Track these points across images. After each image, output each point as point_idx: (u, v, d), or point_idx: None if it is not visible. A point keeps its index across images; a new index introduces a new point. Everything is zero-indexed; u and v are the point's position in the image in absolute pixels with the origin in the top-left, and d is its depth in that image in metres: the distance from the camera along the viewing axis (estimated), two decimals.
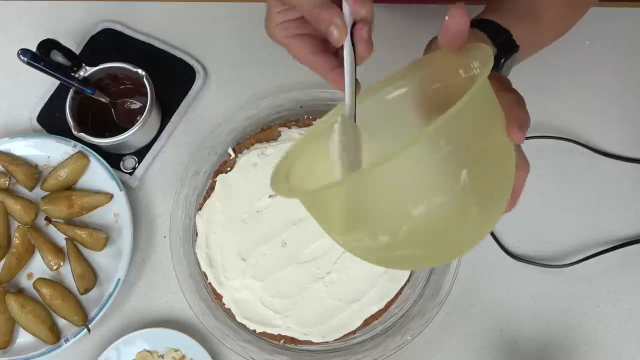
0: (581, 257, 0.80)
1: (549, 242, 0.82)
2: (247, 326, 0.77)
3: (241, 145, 0.84)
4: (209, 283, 0.79)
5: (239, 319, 0.77)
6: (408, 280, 0.77)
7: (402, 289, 0.77)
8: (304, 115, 0.85)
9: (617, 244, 0.80)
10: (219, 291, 0.78)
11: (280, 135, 0.83)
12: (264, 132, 0.84)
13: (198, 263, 0.80)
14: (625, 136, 0.85)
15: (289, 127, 0.84)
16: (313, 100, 0.85)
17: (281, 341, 0.77)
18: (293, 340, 0.76)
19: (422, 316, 0.77)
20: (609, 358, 0.77)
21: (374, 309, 0.76)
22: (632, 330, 0.78)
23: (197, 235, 0.80)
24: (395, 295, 0.77)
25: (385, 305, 0.77)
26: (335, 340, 0.76)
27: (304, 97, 0.85)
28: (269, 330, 0.76)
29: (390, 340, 0.77)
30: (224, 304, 0.78)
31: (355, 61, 0.49)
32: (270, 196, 0.79)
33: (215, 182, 0.81)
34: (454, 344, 0.79)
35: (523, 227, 0.82)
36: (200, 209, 0.81)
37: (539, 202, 0.83)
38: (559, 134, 0.84)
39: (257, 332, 0.77)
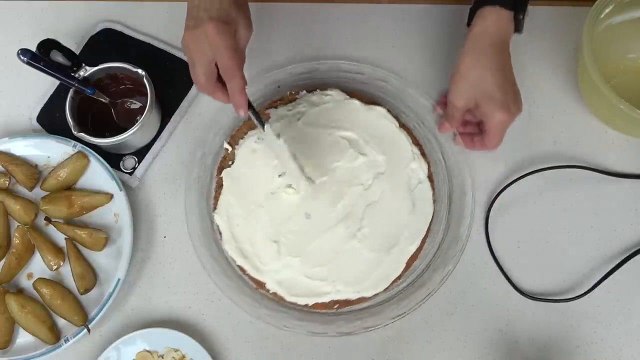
0: (582, 258, 0.80)
1: (548, 242, 0.82)
2: (298, 302, 0.77)
3: (235, 137, 0.84)
4: (247, 274, 0.79)
5: (288, 298, 0.77)
6: (433, 216, 0.80)
7: (430, 224, 0.80)
8: (286, 92, 0.86)
9: (617, 253, 0.81)
10: (260, 279, 0.78)
11: (269, 117, 0.84)
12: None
13: (227, 260, 0.80)
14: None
15: (276, 107, 0.85)
16: (289, 77, 0.86)
17: (335, 306, 0.77)
18: (347, 302, 0.77)
19: (456, 242, 0.79)
20: (609, 358, 0.77)
21: (412, 249, 0.78)
22: (632, 330, 0.78)
23: (220, 234, 0.80)
24: (426, 231, 0.79)
25: (421, 243, 0.79)
26: (385, 289, 0.77)
27: (281, 77, 0.86)
28: (320, 300, 0.77)
29: (436, 274, 0.78)
30: (268, 290, 0.78)
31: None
32: (279, 175, 0.80)
33: (221, 178, 0.82)
34: (454, 344, 0.79)
35: (521, 230, 0.82)
36: (215, 209, 0.81)
37: (536, 203, 0.83)
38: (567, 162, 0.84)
39: (309, 305, 0.77)
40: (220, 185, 0.82)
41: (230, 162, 0.83)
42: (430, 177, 0.82)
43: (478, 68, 0.74)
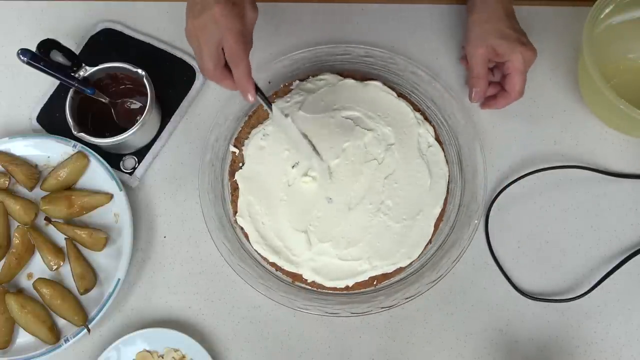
0: (582, 258, 0.80)
1: (548, 242, 0.82)
2: (338, 286, 0.78)
3: (239, 138, 0.85)
4: (281, 269, 0.79)
5: (328, 284, 0.78)
6: (449, 177, 0.82)
7: (448, 185, 0.81)
8: (279, 85, 0.87)
9: (617, 253, 0.81)
10: (296, 271, 0.79)
11: (269, 113, 0.84)
12: (252, 118, 0.85)
13: (257, 261, 0.80)
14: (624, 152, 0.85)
15: (273, 101, 0.85)
16: (276, 70, 0.87)
17: (374, 282, 0.78)
18: (385, 276, 0.78)
19: (475, 199, 0.80)
20: (609, 358, 0.77)
21: (437, 211, 0.80)
22: (632, 330, 0.78)
23: (246, 236, 0.81)
24: (446, 192, 0.81)
25: (444, 204, 0.81)
26: (419, 256, 0.79)
27: (270, 72, 0.87)
28: (359, 279, 0.78)
29: (464, 230, 0.79)
30: (305, 280, 0.78)
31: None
32: (293, 166, 0.81)
33: (235, 182, 0.82)
34: (454, 344, 0.79)
35: (521, 230, 0.82)
36: (236, 212, 0.81)
37: (536, 203, 0.83)
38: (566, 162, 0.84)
39: (349, 286, 0.78)
40: (235, 189, 0.82)
41: (240, 164, 0.83)
42: (438, 139, 0.83)
43: (489, 18, 0.79)
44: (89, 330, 0.78)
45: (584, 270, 0.80)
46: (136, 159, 0.86)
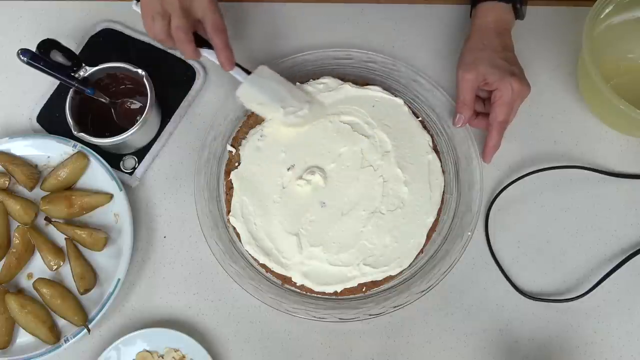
0: (582, 258, 0.80)
1: (548, 242, 0.82)
2: (327, 291, 0.78)
3: (236, 138, 0.85)
4: (272, 271, 0.79)
5: (316, 288, 0.78)
6: (444, 187, 0.81)
7: (442, 194, 0.81)
8: None
9: (617, 253, 0.81)
10: (285, 274, 0.78)
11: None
12: (251, 119, 0.85)
13: (249, 262, 0.80)
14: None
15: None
16: (277, 72, 0.86)
17: (363, 289, 0.78)
18: (374, 283, 0.78)
19: (470, 211, 0.80)
20: (609, 358, 0.77)
21: (430, 221, 0.79)
22: (633, 330, 0.78)
23: (238, 235, 0.80)
24: (440, 202, 0.80)
25: (438, 214, 0.80)
26: (410, 266, 0.78)
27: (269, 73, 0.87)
28: (349, 285, 0.77)
29: (457, 242, 0.79)
30: (295, 284, 0.78)
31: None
32: (288, 169, 0.81)
33: (230, 181, 0.82)
34: (454, 344, 0.79)
35: (521, 230, 0.82)
36: (229, 212, 0.81)
37: (536, 203, 0.83)
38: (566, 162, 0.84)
39: (338, 292, 0.78)
40: (230, 188, 0.82)
41: (236, 164, 0.83)
42: (435, 149, 0.83)
43: (485, 47, 0.78)
44: (89, 330, 0.78)
45: (584, 270, 0.80)
46: (136, 159, 0.86)
